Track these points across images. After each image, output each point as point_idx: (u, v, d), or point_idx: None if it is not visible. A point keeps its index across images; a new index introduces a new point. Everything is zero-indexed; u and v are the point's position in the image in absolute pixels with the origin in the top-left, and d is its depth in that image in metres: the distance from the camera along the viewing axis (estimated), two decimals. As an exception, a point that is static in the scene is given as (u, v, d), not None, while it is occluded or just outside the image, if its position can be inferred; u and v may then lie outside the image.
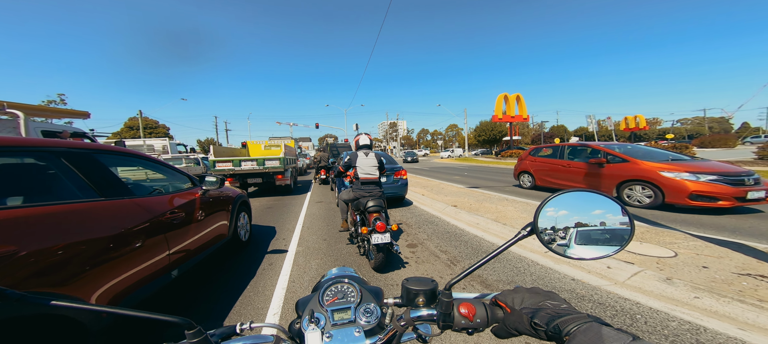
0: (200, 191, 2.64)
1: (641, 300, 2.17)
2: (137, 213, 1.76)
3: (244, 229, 3.72)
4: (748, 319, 1.83)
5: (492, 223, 4.31)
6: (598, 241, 0.49)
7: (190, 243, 2.28)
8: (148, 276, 1.73)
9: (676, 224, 4.20)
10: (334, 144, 13.55)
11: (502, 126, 42.54)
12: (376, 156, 3.32)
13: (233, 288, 2.59)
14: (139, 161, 2.28)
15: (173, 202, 2.19)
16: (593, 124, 14.41)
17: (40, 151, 1.47)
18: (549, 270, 2.76)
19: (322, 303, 0.60)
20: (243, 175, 7.65)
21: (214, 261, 3.20)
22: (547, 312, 0.43)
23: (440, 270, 2.94)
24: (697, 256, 2.76)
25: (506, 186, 8.89)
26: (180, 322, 0.43)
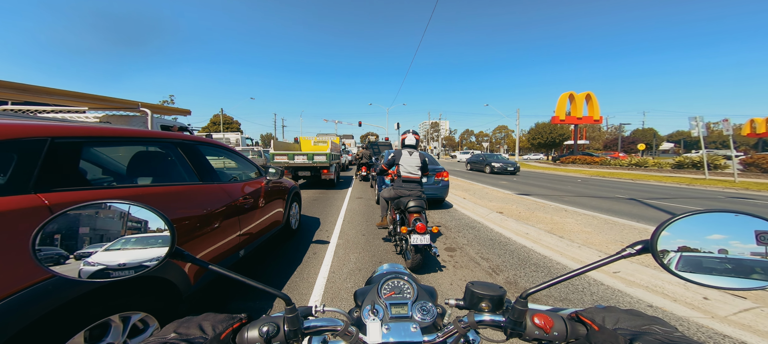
0: (265, 181, 3.04)
1: (750, 340, 1.70)
2: (222, 196, 2.13)
3: (295, 218, 4.14)
4: None
5: (545, 234, 3.84)
6: (713, 271, 0.41)
7: (255, 227, 2.63)
8: (224, 252, 2.06)
9: None
10: (376, 142, 13.92)
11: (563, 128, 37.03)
12: (420, 156, 3.30)
13: (283, 272, 2.87)
14: (224, 152, 2.76)
15: (245, 189, 2.57)
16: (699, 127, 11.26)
17: (164, 142, 1.91)
18: (617, 292, 2.35)
19: (381, 295, 0.61)
20: (295, 168, 8.49)
21: (269, 245, 3.60)
22: (656, 338, 0.38)
23: (480, 277, 2.77)
24: None
25: (566, 196, 7.76)
26: (281, 296, 0.52)
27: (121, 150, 1.73)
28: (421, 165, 3.23)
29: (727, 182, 10.55)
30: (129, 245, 0.48)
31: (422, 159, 3.27)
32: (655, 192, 8.92)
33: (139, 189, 1.56)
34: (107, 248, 0.47)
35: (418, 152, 3.29)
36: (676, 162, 16.17)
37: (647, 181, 11.88)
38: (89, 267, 0.45)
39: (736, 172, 11.72)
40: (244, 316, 0.54)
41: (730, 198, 7.85)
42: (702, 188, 9.64)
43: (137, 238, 0.49)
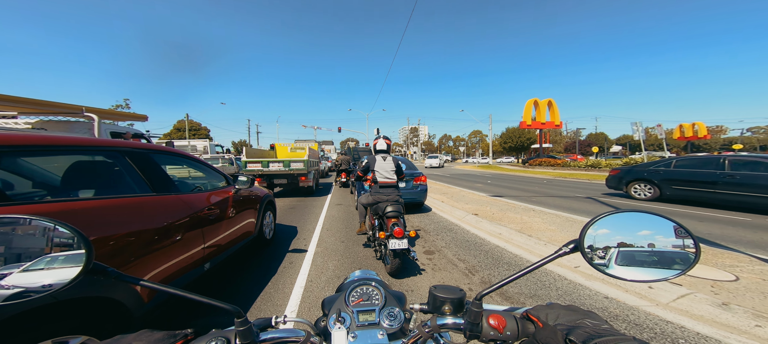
0: (233, 190, 2.87)
1: (688, 324, 1.93)
2: (181, 208, 1.97)
3: (269, 228, 3.94)
4: None
5: (516, 234, 4.07)
6: (643, 264, 0.46)
7: (222, 239, 2.48)
8: (185, 266, 1.92)
9: (741, 245, 3.60)
10: (356, 148, 13.86)
11: (531, 133, 40.18)
12: (394, 160, 3.34)
13: (256, 283, 2.74)
14: (185, 160, 2.56)
15: (210, 199, 2.41)
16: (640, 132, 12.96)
17: (110, 151, 1.73)
18: (578, 286, 2.55)
19: (348, 303, 0.61)
20: (270, 176, 8.13)
21: (240, 257, 3.41)
22: (586, 331, 0.42)
23: (458, 279, 2.85)
24: (763, 281, 2.38)
25: (533, 196, 8.35)
26: (231, 310, 0.48)
27: (57, 160, 1.52)
28: (395, 169, 3.27)
29: (663, 180, 12.14)
30: (37, 265, 0.41)
31: (396, 163, 3.31)
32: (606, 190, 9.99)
33: (72, 204, 1.36)
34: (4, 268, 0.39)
35: (391, 156, 3.33)
36: (623, 163, 18.35)
37: (601, 181, 13.25)
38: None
39: (670, 171, 13.61)
40: (190, 332, 0.50)
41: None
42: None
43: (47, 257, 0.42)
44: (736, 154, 6.16)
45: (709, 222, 5.02)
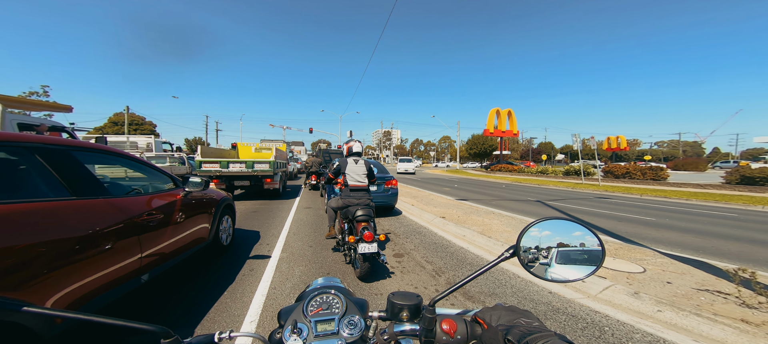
0: (182, 192, 2.56)
1: (610, 313, 2.25)
2: (110, 213, 1.68)
3: (227, 233, 3.60)
4: (702, 331, 1.93)
5: (478, 236, 4.36)
6: (576, 261, 0.52)
7: (166, 247, 2.18)
8: (114, 280, 1.64)
9: (647, 241, 4.39)
10: (327, 150, 13.49)
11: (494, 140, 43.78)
12: (366, 163, 3.33)
13: (210, 293, 2.49)
14: (119, 159, 2.19)
15: (151, 203, 2.11)
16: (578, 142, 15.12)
17: (12, 146, 1.40)
18: (529, 284, 2.82)
19: (306, 313, 0.59)
20: (230, 177, 7.46)
21: (192, 265, 3.07)
22: (520, 330, 0.45)
23: (425, 280, 2.93)
24: (663, 272, 2.90)
25: (494, 200, 9.07)
26: (155, 330, 0.42)
27: None
28: (367, 172, 3.26)
29: (595, 185, 14.33)
30: None
31: (368, 167, 3.31)
32: (553, 194, 11.38)
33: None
34: None
35: (363, 160, 3.32)
36: (565, 170, 21.14)
37: (548, 186, 15.08)
38: None
39: (600, 178, 16.06)
40: None
41: (597, 197, 10.60)
42: (580, 190, 12.84)
43: None
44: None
45: (625, 223, 6.03)
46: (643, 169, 16.35)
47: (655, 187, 13.29)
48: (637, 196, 10.72)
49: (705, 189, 12.16)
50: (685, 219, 6.45)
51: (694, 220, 6.31)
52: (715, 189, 11.84)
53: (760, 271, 2.68)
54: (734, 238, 4.77)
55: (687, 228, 5.46)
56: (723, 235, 4.97)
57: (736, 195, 10.47)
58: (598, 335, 1.95)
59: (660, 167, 17.21)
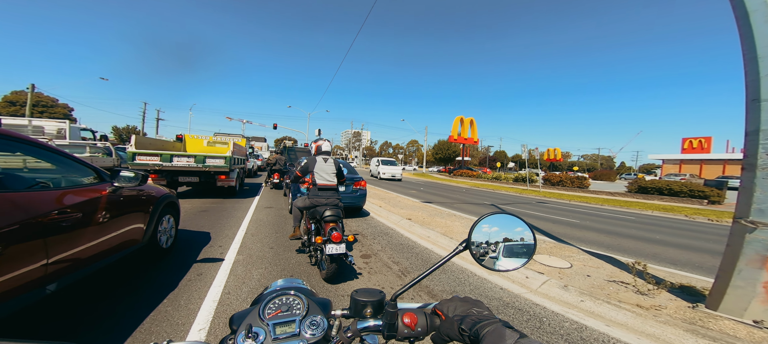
0: (108, 188, 2.14)
1: (547, 304, 2.59)
2: (3, 210, 1.32)
3: (167, 235, 3.13)
4: (611, 317, 2.35)
5: (441, 237, 4.61)
6: (518, 254, 0.59)
7: (82, 251, 1.80)
8: (10, 290, 1.29)
9: (573, 240, 5.22)
10: (293, 147, 12.75)
11: (457, 146, 46.97)
12: (336, 163, 3.26)
13: (146, 302, 2.14)
14: (18, 145, 1.73)
15: (63, 200, 1.72)
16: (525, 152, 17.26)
17: None
18: (484, 281, 3.08)
19: (263, 316, 0.56)
20: (174, 172, 6.51)
21: (121, 271, 2.59)
22: (472, 319, 0.49)
23: (392, 280, 2.98)
24: (585, 267, 3.45)
25: (455, 203, 9.72)
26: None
27: None
28: (336, 172, 3.19)
29: (537, 191, 16.52)
30: None
31: (337, 166, 3.24)
32: (504, 199, 12.75)
33: None
34: None
35: (332, 159, 3.25)
36: (515, 177, 23.90)
37: (501, 191, 16.83)
38: None
39: (540, 185, 18.57)
40: None
41: (538, 202, 12.21)
42: (526, 195, 14.70)
43: None
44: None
45: (558, 224, 7.08)
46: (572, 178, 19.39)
47: (580, 194, 15.90)
48: (567, 201, 12.65)
49: (614, 196, 15.00)
50: (600, 221, 7.84)
51: (607, 222, 7.72)
52: (621, 197, 14.68)
53: (650, 264, 3.38)
54: (633, 237, 5.96)
55: (602, 229, 6.65)
56: (626, 234, 6.18)
57: (634, 201, 13.16)
58: (538, 325, 2.23)
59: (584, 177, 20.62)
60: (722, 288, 2.26)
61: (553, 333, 2.12)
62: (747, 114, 2.22)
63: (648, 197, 14.29)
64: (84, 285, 2.28)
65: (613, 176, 40.26)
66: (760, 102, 2.09)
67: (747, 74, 2.20)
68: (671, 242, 5.65)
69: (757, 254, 2.09)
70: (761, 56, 2.07)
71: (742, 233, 2.17)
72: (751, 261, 2.11)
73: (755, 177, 2.11)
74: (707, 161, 31.48)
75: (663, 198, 13.73)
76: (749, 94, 2.19)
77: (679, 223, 8.16)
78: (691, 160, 32.90)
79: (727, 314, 2.22)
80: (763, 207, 2.08)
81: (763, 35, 2.07)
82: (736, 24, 2.25)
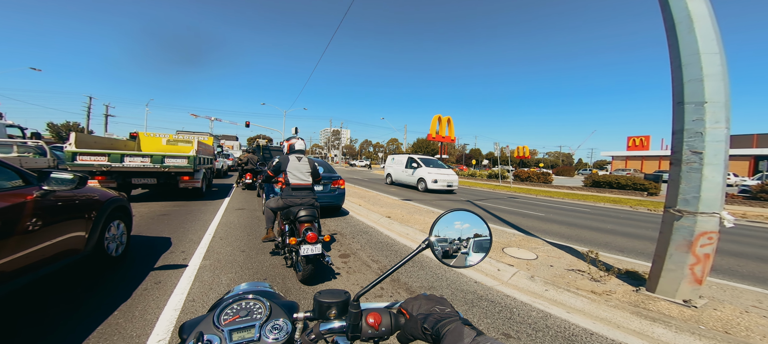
0: (36, 191, 1.84)
1: (517, 295, 2.76)
2: None
3: (117, 242, 2.79)
4: (571, 304, 2.57)
5: (420, 234, 4.70)
6: (485, 249, 0.60)
7: (6, 263, 1.53)
8: None
9: (539, 232, 5.67)
10: (267, 146, 12.13)
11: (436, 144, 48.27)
12: (310, 161, 3.15)
13: (92, 314, 1.91)
14: None
15: None
16: (498, 150, 18.40)
17: None
18: (460, 275, 3.18)
19: (218, 323, 0.53)
20: (126, 174, 5.82)
21: (62, 283, 2.26)
22: (434, 317, 0.48)
23: (370, 279, 2.97)
24: (548, 257, 3.73)
25: (434, 200, 10.00)
26: None
27: None
28: (311, 171, 3.09)
29: (508, 187, 17.69)
30: None
31: (312, 165, 3.15)
32: (479, 195, 13.41)
33: None
34: None
35: (306, 158, 3.14)
36: (489, 174, 25.33)
37: (475, 187, 17.68)
38: None
39: (511, 180, 19.93)
40: None
41: (509, 196, 13.06)
42: (498, 191, 15.63)
43: None
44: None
45: (526, 218, 7.64)
46: (538, 174, 21.07)
47: (545, 189, 17.31)
48: (534, 196, 13.70)
49: (572, 190, 16.58)
50: (561, 213, 8.61)
51: (567, 214, 8.50)
52: (578, 191, 16.29)
53: (602, 252, 3.78)
54: (589, 227, 6.63)
55: (563, 221, 7.31)
56: (582, 225, 6.86)
57: (590, 194, 14.68)
58: (509, 316, 2.36)
59: (548, 173, 22.49)
60: (658, 272, 2.52)
61: (522, 323, 2.26)
62: (673, 115, 2.53)
63: (600, 190, 16.02)
64: (21, 297, 1.97)
65: (572, 172, 44.22)
66: (684, 105, 2.40)
67: (673, 80, 2.51)
68: (619, 231, 6.38)
69: (684, 239, 2.36)
70: (685, 64, 2.39)
71: (671, 221, 2.45)
72: (679, 246, 2.39)
73: (681, 171, 2.42)
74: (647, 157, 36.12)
75: (613, 191, 15.48)
76: (675, 97, 2.51)
77: (626, 214, 9.25)
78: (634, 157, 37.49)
79: (663, 295, 2.49)
80: (687, 197, 2.36)
81: (686, 44, 2.38)
82: (666, 35, 2.56)
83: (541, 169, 23.65)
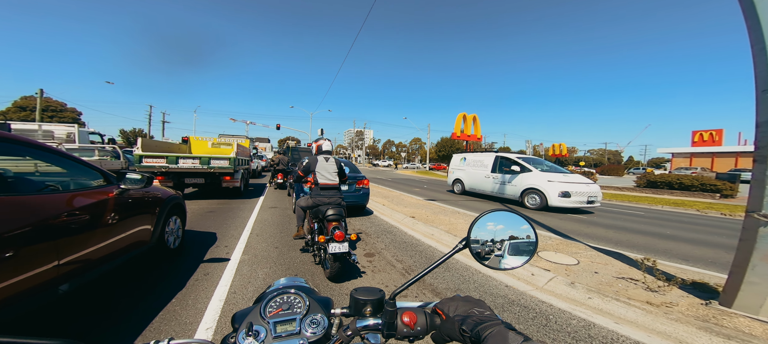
0: (116, 190, 2.19)
1: (554, 302, 2.55)
2: (16, 213, 1.36)
3: (175, 235, 3.19)
4: (620, 314, 2.30)
5: (445, 235, 4.59)
6: (523, 252, 0.57)
7: (93, 252, 1.85)
8: (21, 292, 1.33)
9: (581, 237, 5.14)
10: (296, 147, 12.85)
11: (460, 143, 46.57)
12: (337, 162, 3.27)
13: (154, 302, 2.19)
14: (28, 149, 1.78)
15: (73, 202, 1.76)
16: (530, 148, 17.07)
17: None
18: (489, 278, 3.05)
19: (264, 315, 0.57)
20: (180, 174, 6.62)
21: (134, 272, 2.66)
22: (473, 320, 0.47)
23: (396, 279, 2.98)
24: (592, 264, 3.38)
25: (460, 200, 9.67)
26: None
27: None
28: (338, 171, 3.20)
29: (544, 188, 16.31)
30: None
31: (339, 165, 3.25)
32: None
33: None
34: None
35: (334, 158, 3.26)
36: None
37: (507, 187, 16.64)
38: None
39: (547, 181, 18.46)
40: None
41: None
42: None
43: None
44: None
45: (565, 221, 6.97)
46: (578, 173, 19.11)
47: (588, 189, 15.63)
48: (575, 197, 12.46)
49: (622, 191, 14.72)
50: (608, 216, 7.70)
51: (615, 217, 7.58)
52: (629, 191, 14.42)
53: (660, 260, 3.31)
54: (643, 232, 5.84)
55: (610, 225, 6.53)
56: (635, 230, 6.06)
57: (643, 196, 12.90)
58: (544, 323, 2.20)
59: (591, 172, 20.30)
60: (736, 285, 2.19)
61: (559, 331, 2.09)
62: (757, 105, 2.14)
63: (657, 191, 13.98)
64: (97, 285, 2.34)
65: (621, 171, 39.43)
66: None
67: (756, 65, 2.12)
68: (683, 237, 5.52)
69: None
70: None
71: (755, 227, 2.10)
72: (766, 256, 2.04)
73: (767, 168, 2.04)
74: (719, 154, 30.58)
75: (673, 193, 13.40)
76: (759, 85, 2.12)
77: (690, 218, 7.96)
78: (701, 153, 31.99)
79: (742, 311, 2.16)
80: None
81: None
82: (743, 16, 2.17)
83: (582, 168, 21.42)
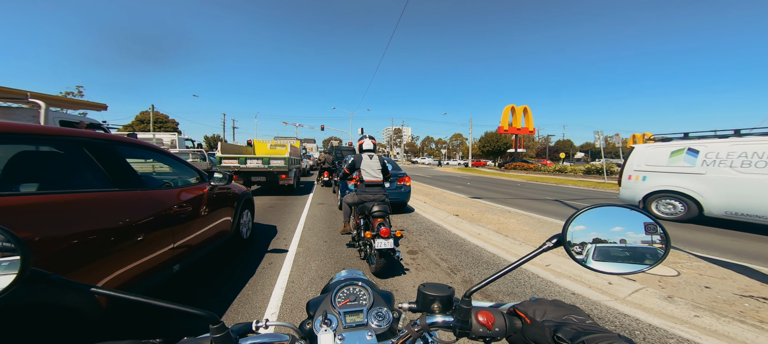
0: (208, 186, 2.68)
1: (641, 316, 2.15)
2: (147, 205, 1.79)
3: (247, 227, 3.74)
4: (747, 339, 1.80)
5: (493, 234, 4.26)
6: (617, 259, 0.47)
7: (194, 238, 2.30)
8: (152, 268, 1.75)
9: (681, 243, 4.12)
10: (339, 147, 13.66)
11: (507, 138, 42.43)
12: (380, 159, 3.34)
13: (233, 285, 2.60)
14: (152, 154, 2.34)
15: (181, 196, 2.22)
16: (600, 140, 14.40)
17: (61, 140, 1.51)
18: (550, 284, 2.73)
19: (335, 304, 0.60)
20: (247, 173, 7.73)
21: (215, 257, 3.21)
22: (573, 328, 0.42)
23: (440, 278, 2.91)
24: (700, 276, 2.71)
25: (509, 198, 8.83)
26: (205, 315, 0.44)
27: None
28: (381, 168, 3.27)
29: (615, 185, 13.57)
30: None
31: (382, 162, 3.32)
32: (572, 193, 10.91)
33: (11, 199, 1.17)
34: None
35: (377, 156, 3.34)
36: (586, 168, 20.22)
37: (567, 185, 14.47)
38: None
39: (624, 177, 15.26)
40: (159, 342, 0.45)
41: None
42: (603, 189, 12.24)
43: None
44: None
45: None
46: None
47: (686, 187, 12.38)
48: (665, 197, 10.03)
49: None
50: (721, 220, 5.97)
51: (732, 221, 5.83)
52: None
53: None
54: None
55: (724, 232, 5.06)
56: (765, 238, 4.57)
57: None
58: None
59: (691, 165, 15.97)
60: None
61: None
62: None
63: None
64: (193, 270, 2.83)
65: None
66: None
67: None
68: None
69: None
70: None
71: None
72: None
73: None
74: None
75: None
76: None
77: None
78: None
79: None
80: None
81: None
82: None
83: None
